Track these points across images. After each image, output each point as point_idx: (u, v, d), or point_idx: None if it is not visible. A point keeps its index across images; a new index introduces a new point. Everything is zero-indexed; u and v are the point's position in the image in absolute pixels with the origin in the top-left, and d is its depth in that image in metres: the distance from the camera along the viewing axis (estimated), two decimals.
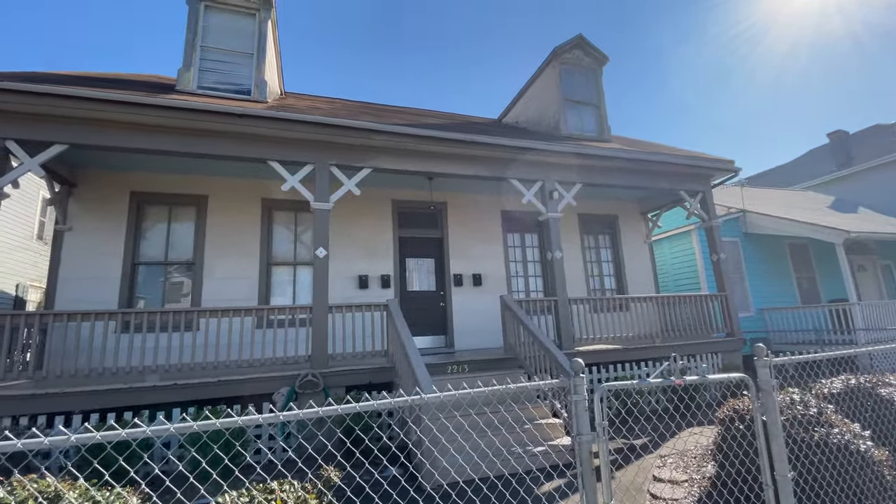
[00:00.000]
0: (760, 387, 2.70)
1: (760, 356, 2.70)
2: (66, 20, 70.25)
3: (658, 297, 8.20)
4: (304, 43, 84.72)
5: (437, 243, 8.75)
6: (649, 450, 5.34)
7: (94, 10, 74.15)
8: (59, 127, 5.42)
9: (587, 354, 7.09)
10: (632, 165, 8.09)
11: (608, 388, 2.35)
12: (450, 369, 6.26)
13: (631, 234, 10.41)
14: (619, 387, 2.39)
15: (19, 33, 57.67)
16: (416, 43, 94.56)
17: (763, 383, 2.68)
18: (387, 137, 6.41)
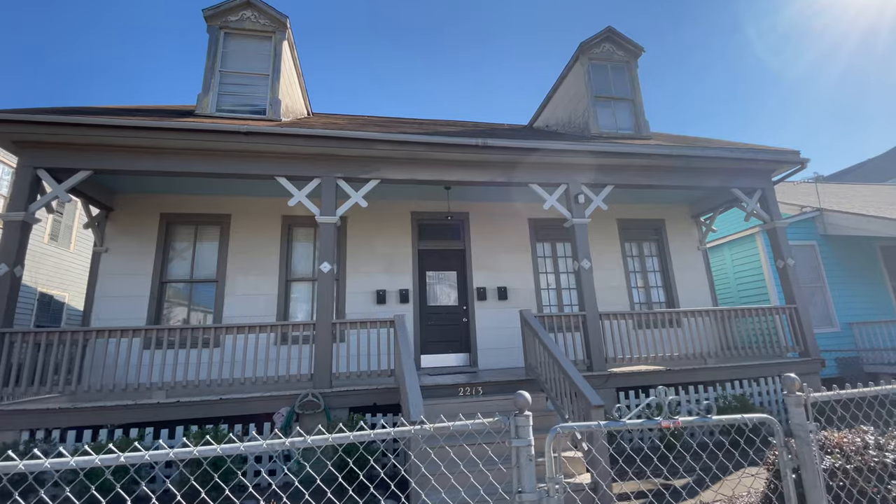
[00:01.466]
0: (794, 432, 2.01)
1: (792, 391, 2.02)
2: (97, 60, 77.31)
3: (713, 311, 7.16)
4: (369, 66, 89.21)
5: (460, 255, 8.34)
6: (687, 495, 4.48)
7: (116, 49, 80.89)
8: (82, 155, 5.75)
9: (622, 377, 6.28)
10: (673, 163, 7.22)
11: (563, 430, 1.82)
12: (461, 391, 5.77)
13: (681, 240, 9.34)
14: (578, 428, 1.85)
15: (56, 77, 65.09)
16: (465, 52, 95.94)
17: (797, 428, 1.99)
18: (391, 147, 6.18)
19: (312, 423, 5.32)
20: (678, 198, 9.19)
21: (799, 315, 7.10)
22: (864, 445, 3.14)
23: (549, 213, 8.55)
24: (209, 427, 5.06)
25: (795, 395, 2.00)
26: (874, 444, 3.16)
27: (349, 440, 1.79)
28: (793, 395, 2.00)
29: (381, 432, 1.79)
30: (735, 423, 1.72)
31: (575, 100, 8.81)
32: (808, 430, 1.95)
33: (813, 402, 2.03)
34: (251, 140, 5.85)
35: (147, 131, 5.63)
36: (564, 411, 5.00)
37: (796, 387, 2.00)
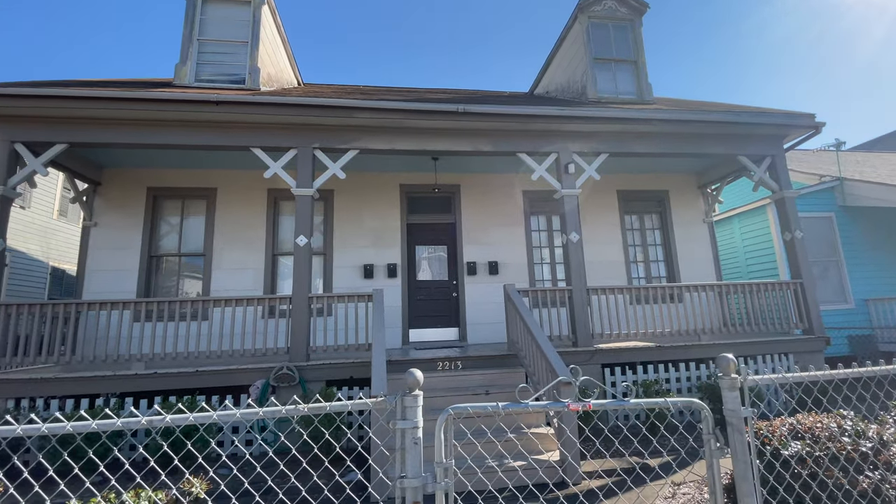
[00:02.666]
0: (727, 418, 1.80)
1: (726, 372, 1.80)
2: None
3: (714, 286, 6.81)
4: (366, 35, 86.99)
5: (450, 229, 8.12)
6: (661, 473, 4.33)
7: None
8: (58, 128, 5.70)
9: (609, 353, 6.08)
10: (674, 128, 6.76)
11: (455, 411, 1.66)
12: (440, 366, 5.68)
13: (685, 213, 8.89)
14: (472, 410, 1.69)
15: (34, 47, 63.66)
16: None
17: (729, 414, 1.79)
18: (369, 115, 5.93)
19: (288, 396, 5.33)
20: (683, 167, 8.69)
21: (804, 290, 6.70)
22: (840, 431, 2.90)
23: (544, 185, 8.19)
24: (186, 398, 5.12)
25: (730, 377, 1.78)
26: (852, 429, 2.92)
27: (258, 415, 1.67)
28: (727, 378, 1.78)
29: (270, 410, 1.66)
30: (680, 406, 1.54)
31: (573, 63, 8.30)
32: (741, 416, 1.74)
33: (752, 386, 1.81)
34: (223, 110, 5.68)
35: (118, 102, 5.52)
36: (540, 387, 4.86)
37: (731, 368, 1.78)
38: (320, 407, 1.60)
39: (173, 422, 1.61)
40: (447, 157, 7.40)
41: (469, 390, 5.17)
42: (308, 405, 1.59)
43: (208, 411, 1.64)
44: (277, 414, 1.59)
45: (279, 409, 1.61)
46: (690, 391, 6.14)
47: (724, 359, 1.81)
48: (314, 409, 1.59)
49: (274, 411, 1.60)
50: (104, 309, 5.49)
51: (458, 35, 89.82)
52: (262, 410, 1.66)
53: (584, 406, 1.71)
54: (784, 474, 2.26)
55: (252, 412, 1.69)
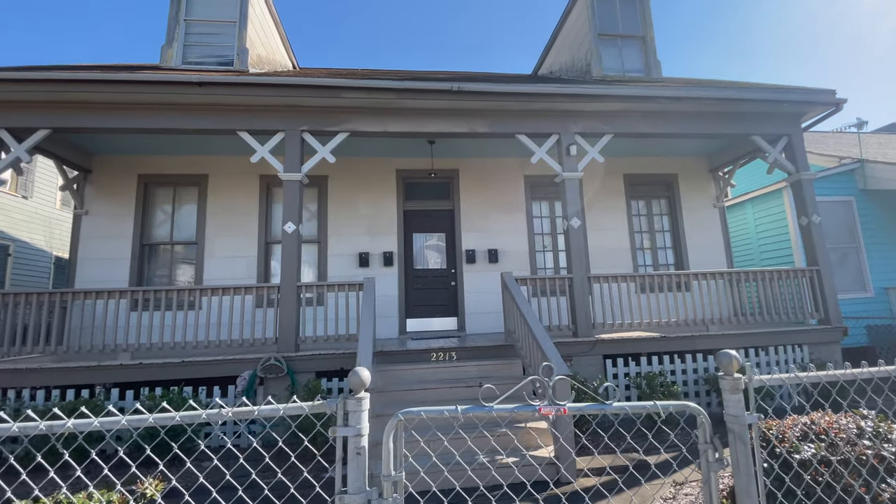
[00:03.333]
0: (728, 424, 1.55)
1: (728, 371, 1.54)
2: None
3: (726, 273, 6.48)
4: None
5: (448, 216, 7.86)
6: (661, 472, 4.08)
7: None
8: (40, 114, 5.54)
9: (611, 344, 5.82)
10: (683, 107, 6.37)
11: (405, 416, 1.43)
12: (434, 357, 5.47)
13: (695, 197, 8.50)
14: (426, 413, 1.45)
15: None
16: None
17: (731, 420, 1.53)
18: (358, 95, 5.65)
19: (276, 387, 5.18)
20: (693, 149, 8.28)
21: (821, 278, 6.34)
22: (859, 433, 2.62)
23: (546, 169, 7.88)
24: (174, 389, 4.99)
25: (732, 377, 1.52)
26: (872, 431, 2.64)
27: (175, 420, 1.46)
28: (728, 378, 1.52)
29: (189, 415, 1.45)
30: (672, 409, 1.33)
31: (578, 40, 7.90)
32: (744, 423, 1.48)
33: (758, 388, 1.55)
34: (206, 91, 5.45)
35: (98, 84, 5.32)
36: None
37: (733, 366, 1.52)
38: (248, 411, 1.38)
39: (132, 424, 1.43)
40: (444, 140, 7.11)
41: (462, 382, 4.96)
42: (233, 409, 1.37)
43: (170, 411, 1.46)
44: (197, 419, 1.38)
45: (199, 414, 1.39)
46: (697, 384, 5.86)
47: (726, 355, 1.54)
48: (239, 414, 1.37)
49: (193, 415, 1.39)
50: (89, 298, 5.36)
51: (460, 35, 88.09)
52: (205, 413, 1.45)
53: (557, 410, 1.46)
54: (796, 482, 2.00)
55: (195, 414, 1.47)
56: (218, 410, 1.37)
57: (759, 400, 1.62)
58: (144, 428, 4.30)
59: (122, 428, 1.47)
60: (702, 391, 5.82)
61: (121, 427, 1.45)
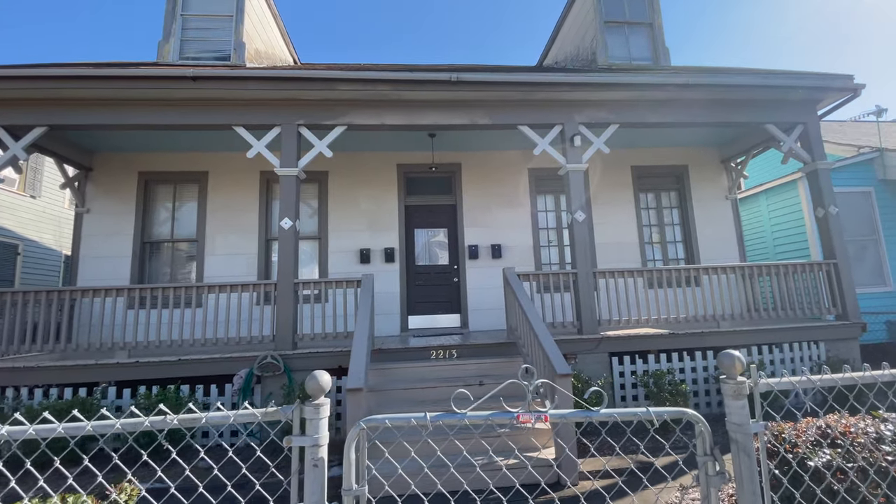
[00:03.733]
0: (731, 434, 1.39)
1: (730, 374, 1.38)
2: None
3: (738, 268, 6.24)
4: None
5: (450, 211, 7.71)
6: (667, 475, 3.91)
7: None
8: (36, 111, 5.51)
9: (617, 341, 5.63)
10: (692, 94, 6.13)
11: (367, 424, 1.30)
12: (434, 354, 5.35)
13: (706, 189, 8.23)
14: (391, 421, 1.32)
15: None
16: None
17: (734, 429, 1.37)
18: (355, 87, 5.52)
19: (273, 386, 5.11)
20: (704, 139, 8.00)
21: (839, 272, 6.07)
22: (878, 438, 2.43)
23: (552, 162, 7.70)
24: (170, 388, 4.94)
25: (735, 380, 1.36)
26: (893, 435, 2.45)
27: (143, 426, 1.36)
28: (731, 382, 1.36)
29: (131, 422, 1.34)
30: (672, 414, 1.21)
31: (583, 28, 7.67)
32: (748, 432, 1.32)
33: (765, 392, 1.38)
34: (201, 86, 5.37)
35: (92, 80, 5.26)
36: (538, 379, 4.48)
37: (735, 369, 1.36)
38: (195, 418, 1.26)
39: (124, 427, 1.33)
40: (445, 133, 6.97)
41: (461, 381, 4.82)
42: (178, 416, 1.26)
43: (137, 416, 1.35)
44: (139, 426, 1.26)
45: (142, 421, 1.27)
46: (707, 382, 5.65)
47: (727, 356, 1.38)
48: (185, 422, 1.25)
49: (136, 423, 1.27)
50: (87, 296, 5.33)
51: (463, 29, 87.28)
52: (147, 420, 1.34)
53: (537, 418, 1.32)
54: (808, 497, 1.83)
55: (137, 422, 1.36)
56: (163, 418, 1.26)
57: (766, 406, 1.46)
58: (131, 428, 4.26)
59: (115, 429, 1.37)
60: (712, 389, 5.61)
61: (117, 431, 1.34)
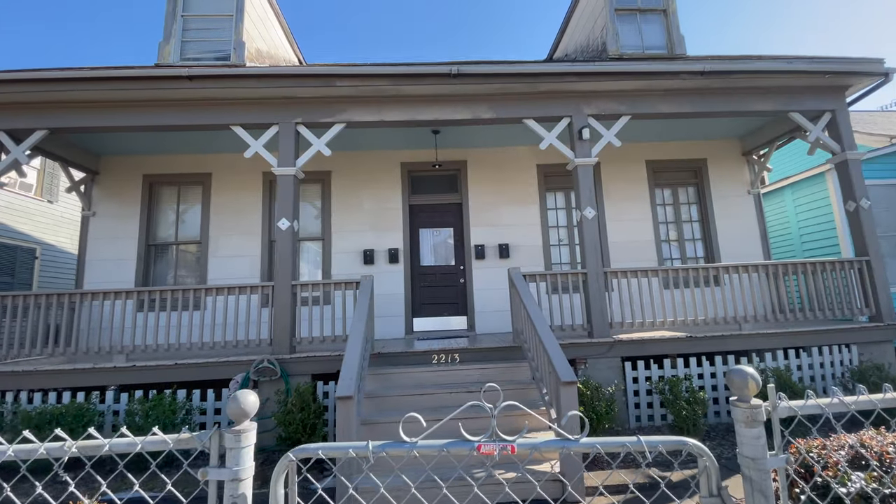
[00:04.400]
0: (742, 470, 1.13)
1: (742, 395, 1.13)
2: None
3: (762, 266, 5.85)
4: None
5: (456, 210, 7.49)
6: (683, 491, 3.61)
7: None
8: (37, 114, 5.51)
9: (631, 345, 5.32)
10: (710, 83, 5.78)
11: (296, 456, 1.09)
12: (435, 359, 5.13)
13: (727, 184, 7.81)
14: (324, 452, 1.11)
15: None
16: None
17: (747, 464, 1.11)
18: (353, 83, 5.36)
19: (270, 391, 4.97)
20: (723, 131, 7.59)
21: (871, 270, 5.63)
22: None
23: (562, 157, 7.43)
24: (168, 392, 4.85)
25: (749, 404, 1.11)
26: None
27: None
28: (743, 406, 1.11)
29: (23, 448, 1.16)
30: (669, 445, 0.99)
31: (593, 18, 7.36)
32: (765, 468, 1.06)
33: (787, 418, 1.12)
34: (197, 85, 5.28)
35: (88, 82, 5.24)
36: (543, 385, 4.23)
37: (749, 389, 1.11)
38: (97, 445, 1.08)
39: (17, 454, 1.16)
40: (449, 130, 6.76)
41: (463, 387, 4.60)
42: (78, 442, 1.07)
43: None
44: (33, 453, 1.09)
45: (37, 447, 1.09)
46: (728, 388, 5.28)
47: (739, 374, 1.13)
48: (85, 449, 1.07)
49: (30, 449, 1.10)
50: (85, 300, 5.29)
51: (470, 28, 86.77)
52: (43, 447, 1.17)
53: (503, 448, 1.09)
54: None
55: (32, 448, 1.19)
56: (60, 445, 1.08)
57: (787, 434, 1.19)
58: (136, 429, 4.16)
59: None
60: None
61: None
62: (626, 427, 5.12)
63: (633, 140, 7.53)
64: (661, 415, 5.18)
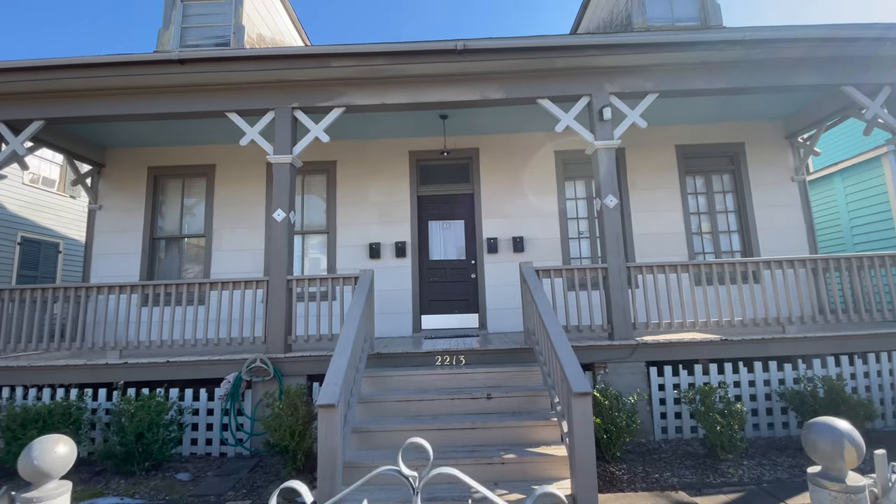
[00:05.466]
0: None
1: (832, 464, 0.67)
2: None
3: (808, 261, 5.19)
4: None
5: (467, 200, 7.04)
6: None
7: None
8: (34, 104, 5.38)
9: (657, 349, 4.78)
10: (749, 53, 5.12)
11: None
12: (438, 360, 4.74)
13: (767, 170, 7.08)
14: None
15: None
16: None
17: None
18: (352, 62, 4.98)
19: (265, 391, 4.68)
20: (764, 110, 6.86)
21: None
22: None
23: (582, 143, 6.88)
24: (159, 391, 4.63)
25: (843, 485, 0.64)
26: None
27: None
28: (834, 489, 0.64)
29: None
30: None
31: None
32: None
33: None
34: (189, 69, 5.01)
35: (81, 69, 5.04)
36: (555, 393, 3.77)
37: (847, 460, 0.64)
38: None
39: None
40: (458, 115, 6.32)
41: (467, 392, 4.18)
42: None
43: None
44: None
45: None
46: (769, 399, 4.68)
47: (826, 431, 0.65)
48: None
49: None
50: (80, 293, 5.15)
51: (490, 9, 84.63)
52: None
53: None
54: None
55: None
56: None
57: None
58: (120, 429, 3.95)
59: None
60: (775, 408, 4.64)
61: None
62: (651, 440, 4.60)
63: (662, 122, 6.90)
64: (691, 426, 4.64)
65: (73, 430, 4.22)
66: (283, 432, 3.84)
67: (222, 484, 3.92)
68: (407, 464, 1.28)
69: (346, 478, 3.38)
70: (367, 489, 3.33)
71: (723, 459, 4.02)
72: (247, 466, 4.29)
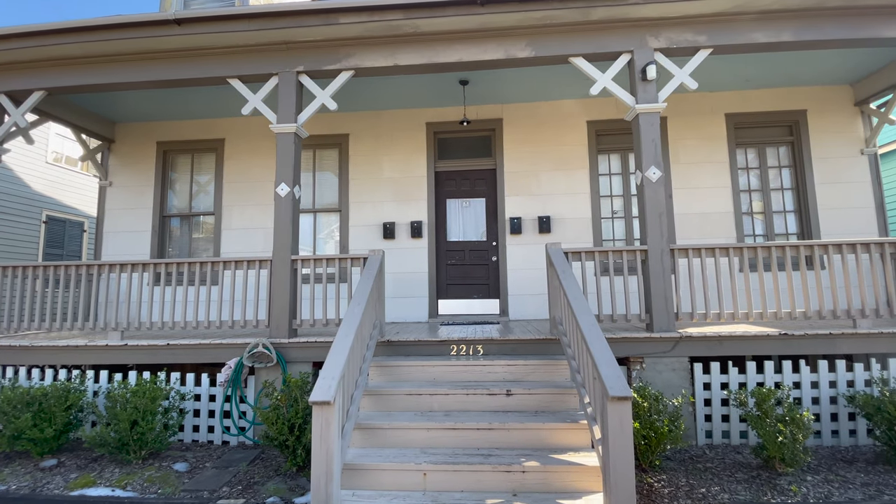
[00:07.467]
0: None
1: None
2: None
3: (883, 244, 4.44)
4: None
5: (489, 176, 6.49)
6: None
7: None
8: (33, 74, 5.15)
9: (703, 343, 4.19)
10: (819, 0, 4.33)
11: None
12: (454, 350, 4.31)
13: (832, 142, 6.22)
14: None
15: None
16: None
17: None
18: (359, 18, 4.45)
19: (268, 377, 4.37)
20: (831, 73, 5.97)
21: None
22: None
23: (618, 111, 6.24)
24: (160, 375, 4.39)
25: None
26: None
27: None
28: None
29: None
30: None
31: None
32: None
33: None
34: (187, 30, 4.61)
35: (75, 33, 4.71)
36: (585, 392, 3.27)
37: None
38: None
39: None
40: (479, 79, 5.76)
41: (484, 387, 3.74)
42: None
43: None
44: None
45: None
46: (835, 402, 4.05)
47: None
48: None
49: None
50: (80, 271, 4.93)
51: None
52: None
53: None
54: None
55: None
56: None
57: None
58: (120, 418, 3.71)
59: None
60: (841, 414, 4.01)
61: None
62: (693, 445, 4.06)
63: (711, 88, 6.14)
64: (741, 431, 4.07)
65: (68, 415, 4.03)
66: (281, 426, 3.51)
67: (218, 478, 3.64)
68: (416, 466, 0.98)
69: (347, 482, 3.02)
70: (371, 495, 2.96)
71: (781, 473, 3.46)
72: (247, 458, 4.01)
